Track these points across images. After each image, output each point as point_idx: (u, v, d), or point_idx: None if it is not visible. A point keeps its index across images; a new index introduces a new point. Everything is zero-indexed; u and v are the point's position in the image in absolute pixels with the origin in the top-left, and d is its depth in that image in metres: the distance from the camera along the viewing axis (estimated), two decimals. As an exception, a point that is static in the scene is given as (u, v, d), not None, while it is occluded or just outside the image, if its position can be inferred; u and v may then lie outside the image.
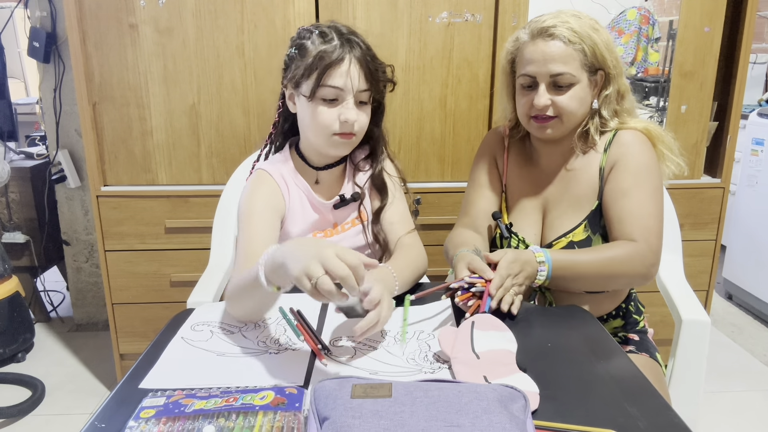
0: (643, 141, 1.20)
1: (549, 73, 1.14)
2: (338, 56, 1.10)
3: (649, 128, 1.22)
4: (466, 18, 1.78)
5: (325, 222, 1.25)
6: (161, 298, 1.94)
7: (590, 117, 1.22)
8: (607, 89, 1.19)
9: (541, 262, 1.10)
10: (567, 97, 1.15)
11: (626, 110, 1.23)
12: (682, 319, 1.25)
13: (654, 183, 1.17)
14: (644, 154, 1.18)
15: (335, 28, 1.14)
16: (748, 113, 2.79)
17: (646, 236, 1.13)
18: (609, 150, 1.21)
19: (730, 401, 2.08)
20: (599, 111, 1.21)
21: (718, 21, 1.83)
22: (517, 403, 0.66)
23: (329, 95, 1.12)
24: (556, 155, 1.26)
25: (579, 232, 1.20)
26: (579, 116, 1.19)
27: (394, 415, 0.61)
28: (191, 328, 1.01)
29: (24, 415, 2.00)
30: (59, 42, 2.27)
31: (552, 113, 1.16)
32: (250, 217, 1.16)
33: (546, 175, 1.28)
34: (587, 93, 1.18)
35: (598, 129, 1.22)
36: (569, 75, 1.13)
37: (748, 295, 2.76)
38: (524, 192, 1.30)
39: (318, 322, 1.03)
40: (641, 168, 1.17)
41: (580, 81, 1.15)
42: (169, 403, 0.73)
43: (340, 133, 1.14)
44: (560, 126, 1.18)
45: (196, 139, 1.83)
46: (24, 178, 2.53)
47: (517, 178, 1.32)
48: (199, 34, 1.75)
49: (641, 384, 0.83)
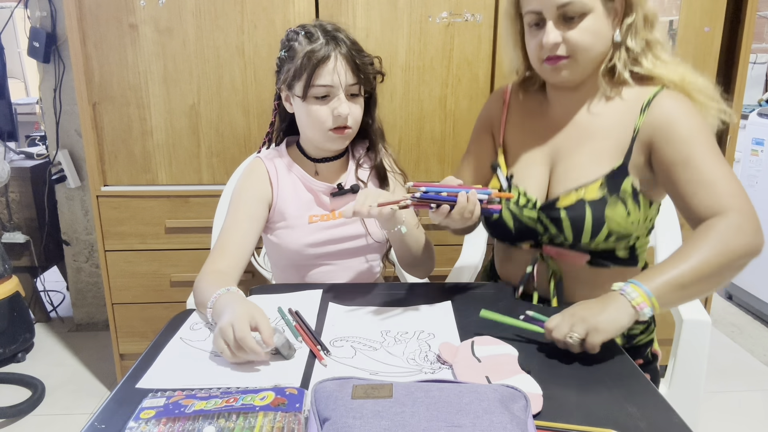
0: (686, 103, 1.04)
1: (555, 4, 0.99)
2: (324, 54, 1.13)
3: (684, 78, 1.06)
4: (466, 18, 1.78)
5: (320, 203, 1.27)
6: (161, 298, 1.94)
7: (615, 52, 1.06)
8: (630, 16, 1.02)
9: (630, 297, 0.89)
10: (579, 30, 1.00)
11: (660, 43, 1.06)
12: (682, 319, 1.25)
13: (711, 143, 1.00)
14: (691, 117, 1.02)
15: (320, 26, 1.18)
16: (748, 113, 2.79)
17: (731, 202, 0.95)
18: (648, 111, 1.04)
19: (730, 401, 2.08)
20: (624, 43, 1.04)
21: (718, 21, 1.83)
22: (518, 403, 0.66)
23: (320, 93, 1.16)
24: (573, 102, 1.12)
25: (593, 189, 1.06)
26: (597, 52, 1.04)
27: (395, 416, 0.61)
28: (190, 328, 1.01)
29: (24, 415, 2.00)
30: (59, 42, 2.27)
31: (564, 52, 1.02)
32: (236, 206, 1.23)
33: (556, 124, 1.14)
34: (605, 24, 1.02)
35: (627, 65, 1.06)
36: (578, 3, 0.98)
37: (748, 295, 2.76)
38: (527, 143, 1.17)
39: (317, 322, 1.03)
40: (693, 132, 1.00)
41: (593, 9, 0.99)
42: (169, 403, 0.73)
43: (335, 128, 1.18)
44: (576, 66, 1.04)
45: (196, 139, 1.83)
46: (24, 178, 2.53)
47: (519, 131, 1.20)
48: (199, 34, 1.75)
49: (641, 384, 0.83)
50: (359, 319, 1.04)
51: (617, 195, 1.05)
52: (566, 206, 1.07)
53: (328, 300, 1.12)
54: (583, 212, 1.06)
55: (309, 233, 1.24)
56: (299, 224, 1.24)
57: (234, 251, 1.18)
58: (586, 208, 1.06)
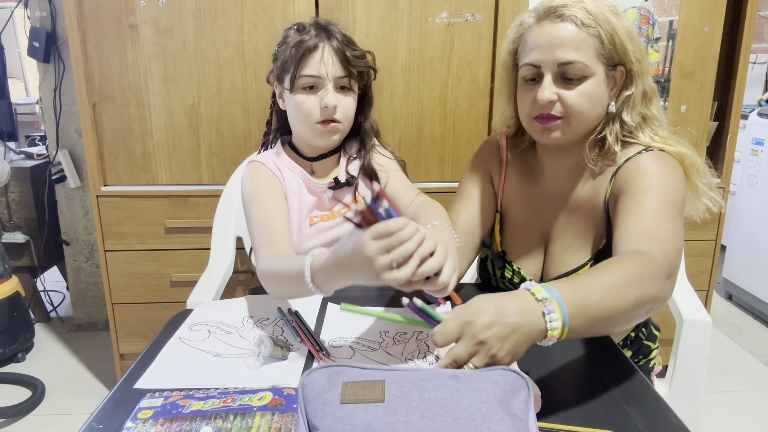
0: (668, 162, 0.96)
1: (557, 61, 0.94)
2: (312, 44, 1.13)
3: (684, 153, 0.99)
4: (466, 18, 1.78)
5: (322, 204, 1.26)
6: (161, 298, 1.94)
7: (607, 123, 1.00)
8: (629, 89, 0.98)
9: (543, 300, 0.72)
10: (577, 92, 0.95)
11: (657, 119, 1.02)
12: (683, 319, 1.25)
13: (673, 201, 0.91)
14: (664, 174, 0.94)
15: (314, 21, 1.19)
16: (748, 113, 2.79)
17: (659, 246, 0.84)
18: (615, 178, 0.99)
19: (730, 401, 2.08)
20: (620, 116, 1.00)
21: (718, 21, 1.83)
22: (520, 395, 0.64)
23: (308, 83, 1.14)
24: (563, 171, 1.07)
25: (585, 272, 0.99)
26: (591, 119, 0.99)
27: (387, 427, 0.58)
28: (189, 328, 1.01)
29: (24, 415, 2.00)
30: (59, 42, 2.27)
31: (558, 112, 0.97)
32: (259, 200, 1.17)
33: (549, 195, 1.09)
34: (602, 90, 0.97)
35: (619, 138, 1.00)
36: (581, 64, 0.93)
37: (748, 295, 2.76)
38: (524, 214, 1.12)
39: (316, 323, 1.03)
40: (656, 185, 0.92)
41: (594, 74, 0.95)
42: (167, 404, 0.73)
43: (323, 121, 1.16)
44: (567, 129, 0.98)
45: (196, 139, 1.83)
46: (24, 178, 2.53)
47: (516, 201, 1.14)
48: (199, 34, 1.75)
49: (641, 385, 0.83)
50: (358, 320, 1.04)
51: None
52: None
53: (328, 300, 1.12)
54: None
55: (310, 236, 1.24)
56: (300, 228, 1.23)
57: (286, 235, 1.12)
58: None
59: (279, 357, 0.89)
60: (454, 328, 0.70)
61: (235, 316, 1.06)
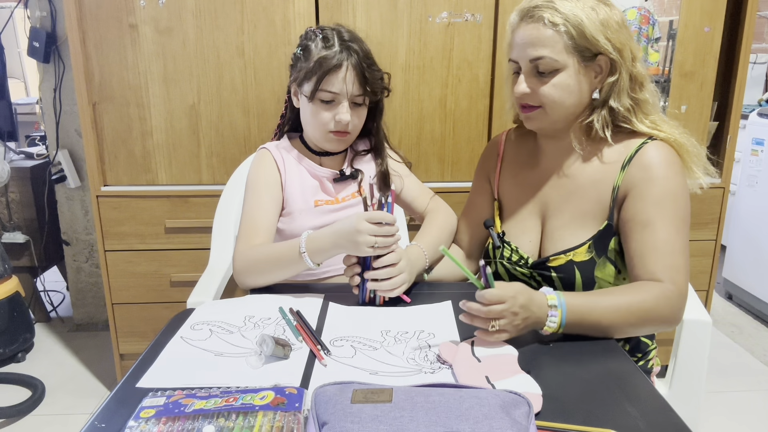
0: (671, 161, 1.05)
1: (528, 57, 1.04)
2: (336, 63, 1.19)
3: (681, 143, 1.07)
4: (466, 18, 1.78)
5: (325, 189, 1.33)
6: (161, 298, 1.94)
7: (593, 109, 1.08)
8: (614, 76, 1.05)
9: (552, 306, 0.94)
10: (549, 85, 1.04)
11: (649, 103, 1.08)
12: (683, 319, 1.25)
13: (680, 213, 1.03)
14: (670, 179, 1.03)
15: (338, 32, 1.23)
16: (748, 113, 2.79)
17: (672, 276, 0.99)
18: (628, 168, 1.06)
19: (730, 401, 2.08)
20: (607, 102, 1.07)
21: (718, 21, 1.83)
22: (520, 409, 0.65)
23: (327, 98, 1.22)
24: (560, 152, 1.15)
25: (582, 252, 1.09)
26: (568, 106, 1.07)
27: (394, 420, 0.60)
28: (191, 327, 1.01)
29: (24, 415, 2.00)
30: (59, 42, 2.27)
31: (536, 102, 1.07)
32: (255, 188, 1.29)
33: (546, 176, 1.17)
34: (579, 80, 1.05)
35: (607, 124, 1.07)
36: (549, 59, 1.02)
37: (748, 295, 2.76)
38: (520, 197, 1.21)
39: (317, 322, 1.03)
40: (666, 196, 1.02)
41: (566, 66, 1.03)
42: (169, 403, 0.73)
43: (335, 131, 1.25)
44: (545, 117, 1.08)
45: (196, 139, 1.83)
46: (24, 178, 2.53)
47: (512, 184, 1.23)
48: (199, 34, 1.75)
49: (641, 384, 0.83)
50: (359, 319, 1.04)
51: (605, 256, 1.08)
52: (556, 266, 1.11)
53: (329, 299, 1.12)
54: (573, 274, 1.10)
55: (315, 216, 1.29)
56: (305, 208, 1.29)
57: (265, 229, 1.24)
58: (576, 271, 1.09)
59: (281, 356, 0.90)
60: (500, 294, 0.88)
61: (237, 315, 1.06)
